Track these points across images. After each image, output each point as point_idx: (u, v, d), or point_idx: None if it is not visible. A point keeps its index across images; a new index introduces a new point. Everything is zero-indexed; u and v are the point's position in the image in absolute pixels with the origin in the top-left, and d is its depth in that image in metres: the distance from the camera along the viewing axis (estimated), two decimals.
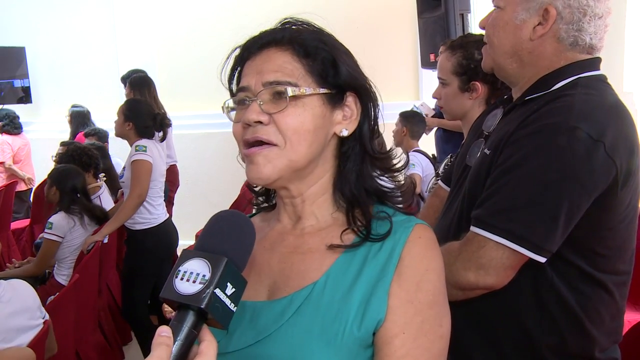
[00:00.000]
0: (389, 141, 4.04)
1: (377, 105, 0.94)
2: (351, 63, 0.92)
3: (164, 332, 0.70)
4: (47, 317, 2.26)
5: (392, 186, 0.96)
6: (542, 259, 1.20)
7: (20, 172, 6.08)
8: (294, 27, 0.91)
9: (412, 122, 4.00)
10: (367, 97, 0.92)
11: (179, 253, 4.13)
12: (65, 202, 3.52)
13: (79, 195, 3.58)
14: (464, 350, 1.35)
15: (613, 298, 1.31)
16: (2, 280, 2.24)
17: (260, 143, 0.86)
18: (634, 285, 1.39)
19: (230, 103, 0.92)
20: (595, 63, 1.32)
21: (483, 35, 1.84)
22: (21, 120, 6.20)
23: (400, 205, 0.95)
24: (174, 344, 0.70)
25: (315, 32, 0.91)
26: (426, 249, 0.87)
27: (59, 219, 3.49)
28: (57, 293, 2.82)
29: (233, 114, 0.92)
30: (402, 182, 0.96)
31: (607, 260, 1.27)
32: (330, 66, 0.89)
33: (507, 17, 1.31)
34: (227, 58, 0.93)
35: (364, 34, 5.31)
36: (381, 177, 0.95)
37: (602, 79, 1.32)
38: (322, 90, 0.88)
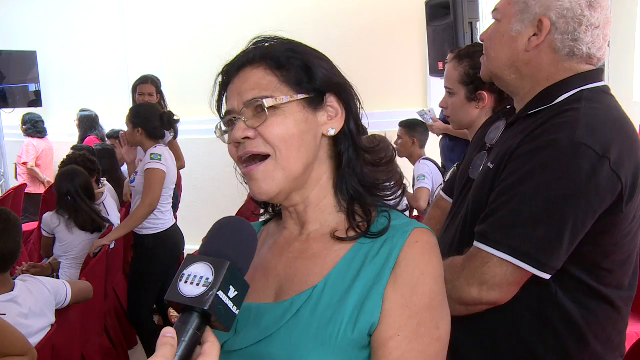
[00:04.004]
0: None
1: (358, 100, 0.98)
2: (326, 65, 0.95)
3: (168, 333, 0.72)
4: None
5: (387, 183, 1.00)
6: (547, 276, 1.19)
7: (41, 175, 6.17)
8: (265, 44, 0.96)
9: (419, 131, 3.96)
10: (347, 95, 0.96)
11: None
12: (60, 204, 3.58)
13: (69, 197, 3.55)
14: None
15: (619, 313, 1.31)
16: (19, 282, 2.26)
17: (254, 158, 0.91)
18: (638, 296, 1.38)
19: (222, 127, 0.97)
20: (598, 74, 1.32)
21: None
22: None
23: (392, 198, 0.98)
24: (179, 344, 0.72)
25: (285, 44, 0.96)
26: (422, 253, 0.89)
27: (46, 217, 3.61)
28: None
29: (227, 137, 0.96)
30: (396, 174, 1.01)
31: (612, 275, 1.26)
32: (304, 72, 0.93)
33: (503, 29, 1.31)
34: (214, 85, 0.99)
35: (374, 41, 5.33)
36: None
37: (606, 90, 1.31)
38: (300, 96, 0.92)
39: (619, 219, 1.21)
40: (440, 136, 4.03)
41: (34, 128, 6.19)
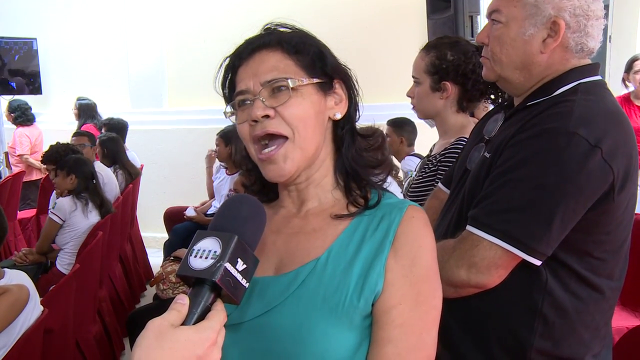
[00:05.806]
0: None
1: (357, 90, 1.04)
2: (332, 54, 1.01)
3: (180, 299, 0.75)
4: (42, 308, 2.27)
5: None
6: (537, 262, 1.20)
7: (36, 163, 6.06)
8: (279, 29, 1.00)
9: (407, 130, 3.94)
10: (350, 83, 1.02)
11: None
12: (82, 187, 3.63)
13: (94, 180, 3.72)
14: (456, 350, 1.35)
15: (608, 303, 1.33)
16: (7, 269, 2.27)
17: (270, 137, 0.94)
18: (631, 290, 1.39)
19: (229, 108, 0.99)
20: (595, 68, 1.33)
21: (458, 38, 1.92)
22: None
23: (381, 178, 1.03)
24: (189, 314, 0.75)
25: (299, 31, 1.00)
26: (419, 227, 0.94)
27: (62, 201, 3.61)
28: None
29: (233, 118, 0.99)
30: (384, 158, 1.06)
31: (604, 264, 1.28)
32: (318, 58, 0.98)
33: (514, 33, 1.30)
34: (220, 67, 1.01)
35: (373, 33, 5.32)
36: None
37: (602, 84, 1.33)
38: (315, 80, 0.96)
39: (611, 208, 1.23)
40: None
41: (25, 116, 6.03)
